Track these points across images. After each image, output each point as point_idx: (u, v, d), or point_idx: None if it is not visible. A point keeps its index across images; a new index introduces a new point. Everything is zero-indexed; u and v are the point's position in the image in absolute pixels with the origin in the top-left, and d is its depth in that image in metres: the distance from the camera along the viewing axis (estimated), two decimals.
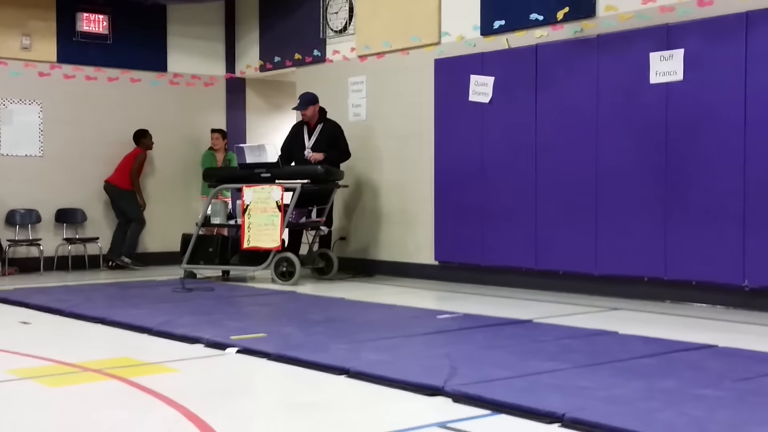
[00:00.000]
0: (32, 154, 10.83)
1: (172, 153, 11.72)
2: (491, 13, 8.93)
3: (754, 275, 6.96)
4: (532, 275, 8.56)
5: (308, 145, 9.70)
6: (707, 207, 7.22)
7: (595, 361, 4.85)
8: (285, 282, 9.06)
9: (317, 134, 9.73)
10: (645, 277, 7.67)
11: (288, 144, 9.96)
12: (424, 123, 9.52)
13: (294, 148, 9.80)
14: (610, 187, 7.87)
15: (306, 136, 9.79)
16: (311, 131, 9.78)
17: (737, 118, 7.03)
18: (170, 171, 11.76)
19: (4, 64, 10.66)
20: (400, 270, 9.85)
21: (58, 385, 4.55)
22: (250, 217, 9.15)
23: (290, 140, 9.93)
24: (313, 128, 9.77)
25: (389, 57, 10.04)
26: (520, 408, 3.81)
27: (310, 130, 9.80)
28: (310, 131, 9.79)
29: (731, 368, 4.69)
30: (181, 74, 11.89)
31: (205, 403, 4.11)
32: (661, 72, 7.47)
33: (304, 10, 11.07)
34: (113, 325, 6.41)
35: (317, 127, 9.75)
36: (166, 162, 11.70)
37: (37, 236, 10.74)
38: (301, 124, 9.91)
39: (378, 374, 4.50)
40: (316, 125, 9.76)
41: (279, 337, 5.70)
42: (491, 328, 6.07)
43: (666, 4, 7.58)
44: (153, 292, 8.41)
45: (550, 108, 8.32)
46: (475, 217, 8.97)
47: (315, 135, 9.73)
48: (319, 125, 9.75)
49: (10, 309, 7.48)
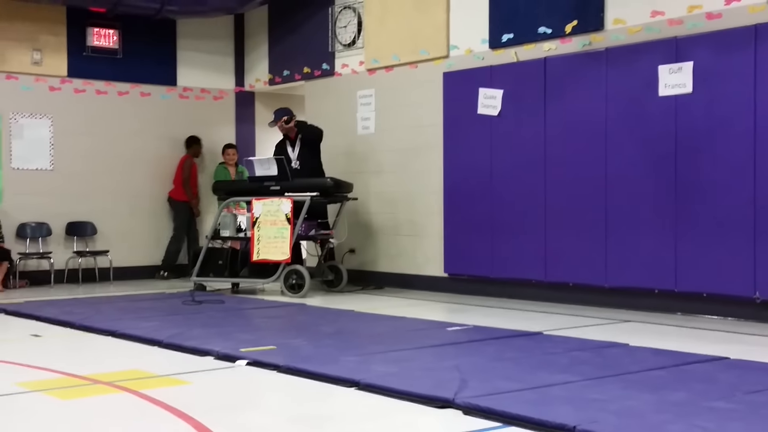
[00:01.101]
0: (43, 168, 10.88)
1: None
2: (500, 27, 8.95)
3: (766, 287, 6.93)
4: (541, 287, 8.55)
5: (293, 157, 9.87)
6: (717, 219, 7.21)
7: (606, 373, 4.83)
8: (294, 294, 9.07)
9: (299, 145, 9.89)
10: (655, 289, 7.65)
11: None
12: (433, 136, 9.54)
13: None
14: (619, 199, 7.86)
15: (289, 149, 9.93)
16: (293, 143, 9.91)
17: (747, 131, 7.02)
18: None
19: (15, 79, 10.73)
20: (409, 282, 9.85)
21: (69, 397, 4.56)
22: (259, 229, 9.17)
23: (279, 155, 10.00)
24: (294, 139, 9.89)
25: (398, 70, 10.07)
26: (530, 420, 3.81)
27: (292, 143, 9.92)
28: (292, 143, 9.92)
29: (743, 380, 4.66)
30: (190, 88, 11.95)
31: (216, 415, 4.11)
32: (670, 85, 7.48)
33: (313, 24, 11.12)
34: (124, 338, 6.42)
35: (297, 138, 9.85)
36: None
37: (47, 249, 10.77)
38: (284, 139, 10.06)
39: (388, 386, 4.49)
40: (296, 137, 9.86)
41: (289, 350, 5.69)
42: (501, 341, 6.06)
43: (674, 17, 7.59)
44: (163, 304, 8.43)
45: (558, 121, 8.33)
46: (485, 230, 8.97)
47: (297, 146, 9.90)
48: (299, 135, 9.85)
49: (21, 322, 7.50)
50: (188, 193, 11.51)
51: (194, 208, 11.59)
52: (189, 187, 11.52)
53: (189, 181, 11.53)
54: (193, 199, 11.56)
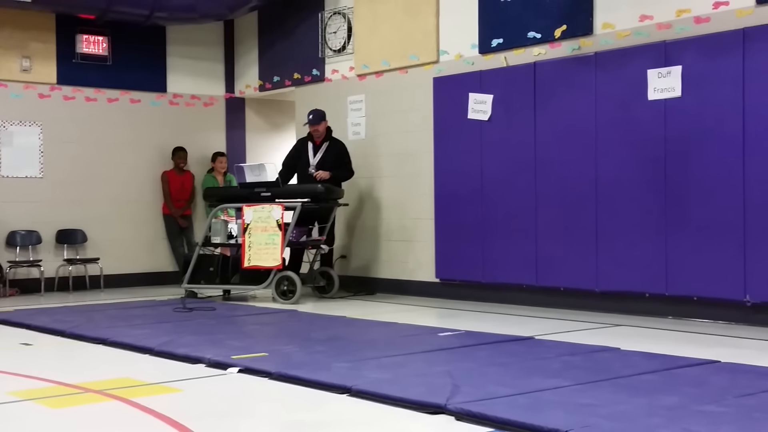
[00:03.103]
0: (32, 176, 10.85)
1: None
2: (489, 32, 8.97)
3: (756, 290, 6.96)
4: (533, 292, 8.56)
5: (313, 162, 9.70)
6: (707, 222, 7.23)
7: (598, 377, 4.84)
8: (286, 301, 9.06)
9: (323, 152, 9.73)
10: (646, 293, 7.66)
11: (291, 158, 9.96)
12: (424, 141, 9.55)
13: (298, 164, 9.80)
14: (610, 203, 7.88)
15: (311, 153, 9.78)
16: (317, 148, 9.79)
17: (736, 134, 7.05)
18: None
19: (4, 86, 10.70)
20: (401, 288, 9.85)
21: (59, 406, 4.54)
22: (250, 236, 9.16)
23: (294, 155, 9.93)
24: (319, 145, 9.78)
25: (388, 76, 10.08)
26: (523, 425, 3.81)
27: (315, 147, 9.80)
28: (316, 148, 9.79)
29: (734, 384, 4.68)
30: (180, 94, 11.93)
31: (207, 423, 4.10)
32: (659, 89, 7.50)
33: (303, 30, 11.13)
34: (114, 346, 6.40)
35: (323, 144, 9.76)
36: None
37: (37, 257, 10.73)
38: (306, 140, 9.90)
39: (380, 393, 4.49)
40: (322, 143, 9.77)
41: (280, 357, 5.69)
42: (493, 346, 6.06)
43: (663, 21, 7.62)
44: (154, 312, 8.40)
45: (548, 125, 8.35)
46: (476, 234, 8.97)
47: (321, 153, 9.73)
48: (326, 143, 9.75)
49: (11, 330, 7.47)
50: (170, 206, 11.46)
51: (178, 220, 11.50)
52: (170, 201, 11.46)
53: (170, 195, 11.47)
54: (176, 213, 11.46)
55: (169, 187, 11.48)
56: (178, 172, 11.56)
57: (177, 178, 11.55)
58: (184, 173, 11.63)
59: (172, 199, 11.47)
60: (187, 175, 11.67)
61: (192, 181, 11.69)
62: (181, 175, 11.59)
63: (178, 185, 11.54)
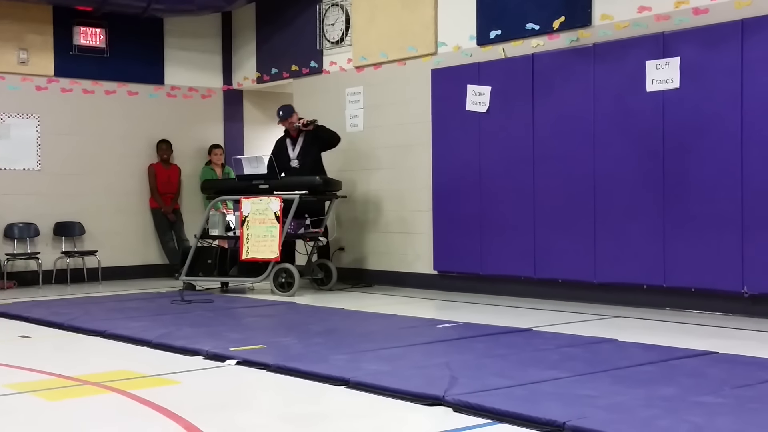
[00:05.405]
0: (30, 168, 10.83)
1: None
2: (487, 23, 8.96)
3: (753, 282, 6.96)
4: (531, 284, 8.56)
5: (293, 155, 9.79)
6: (705, 214, 7.23)
7: (595, 369, 4.84)
8: (284, 293, 9.06)
9: (302, 142, 9.80)
10: (644, 284, 7.67)
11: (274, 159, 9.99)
12: (422, 133, 9.54)
13: (281, 162, 9.77)
14: (608, 195, 7.88)
15: (290, 147, 9.86)
16: (294, 141, 9.84)
17: (734, 125, 7.04)
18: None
19: (2, 79, 10.67)
20: (399, 280, 9.85)
21: (57, 398, 4.54)
22: (248, 228, 9.15)
23: (276, 154, 9.92)
24: (296, 138, 9.83)
25: (386, 67, 10.06)
26: (520, 417, 3.81)
27: (293, 141, 9.86)
28: (294, 141, 9.85)
29: (731, 375, 4.68)
30: (178, 87, 11.91)
31: (205, 415, 4.10)
32: (657, 80, 7.49)
33: (301, 22, 11.10)
34: (112, 338, 6.40)
35: (299, 137, 9.80)
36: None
37: (35, 250, 10.72)
38: (284, 138, 9.99)
39: (378, 384, 4.49)
40: (298, 135, 9.80)
41: (278, 349, 5.69)
42: (491, 337, 6.06)
43: (661, 12, 7.61)
44: (152, 304, 8.40)
45: (547, 117, 8.34)
46: (474, 227, 8.97)
47: (299, 144, 9.81)
48: (302, 134, 9.79)
49: (9, 323, 7.47)
50: (158, 200, 11.42)
51: (167, 214, 11.43)
52: (157, 194, 11.42)
53: (156, 189, 11.42)
54: (166, 209, 11.40)
55: (155, 180, 11.43)
56: (164, 165, 11.51)
57: (164, 171, 11.48)
58: (171, 166, 11.57)
59: (158, 192, 11.40)
60: (173, 168, 11.61)
61: (179, 175, 11.64)
62: (168, 168, 11.53)
63: (165, 178, 11.46)
